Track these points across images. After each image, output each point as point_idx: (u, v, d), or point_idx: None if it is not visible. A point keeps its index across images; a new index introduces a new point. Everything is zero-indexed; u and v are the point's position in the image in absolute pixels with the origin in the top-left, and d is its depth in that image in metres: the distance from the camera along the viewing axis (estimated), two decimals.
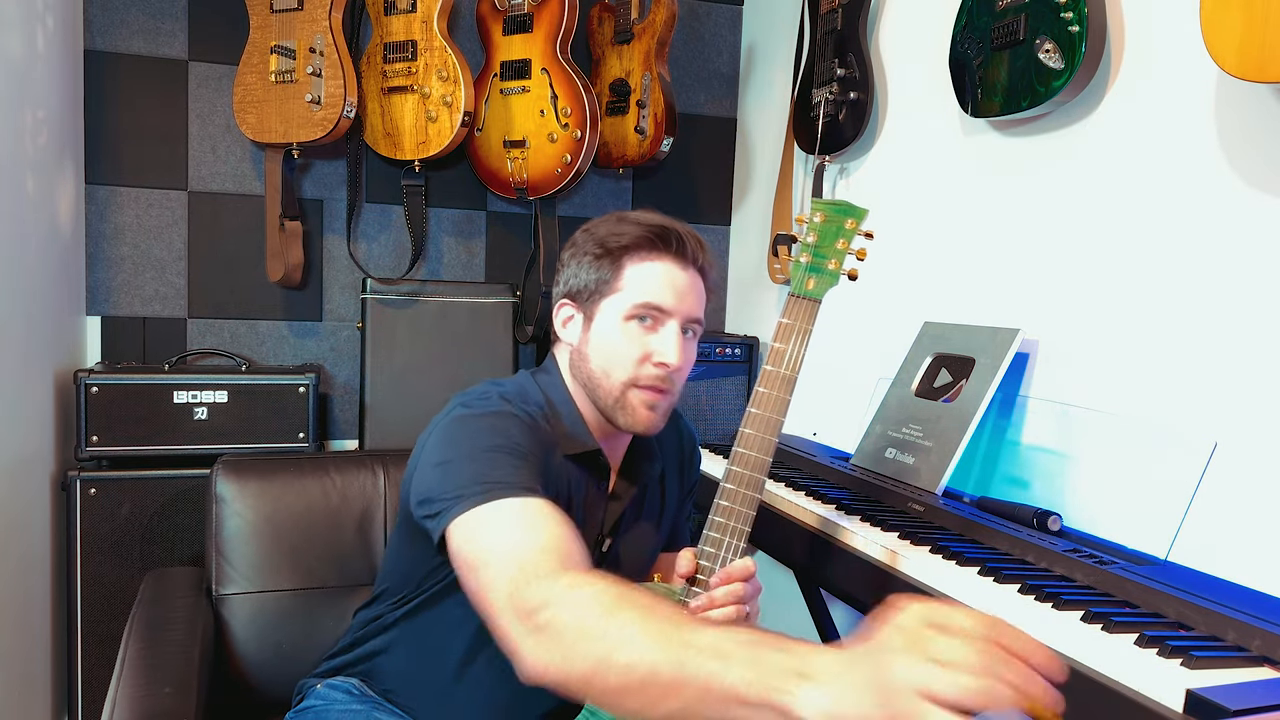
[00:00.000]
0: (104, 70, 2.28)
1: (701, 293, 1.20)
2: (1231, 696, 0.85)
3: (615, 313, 1.15)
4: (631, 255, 1.16)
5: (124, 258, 2.34)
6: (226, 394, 2.15)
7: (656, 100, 2.40)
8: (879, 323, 2.12)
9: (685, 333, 1.18)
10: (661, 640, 0.76)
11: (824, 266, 1.14)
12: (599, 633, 0.79)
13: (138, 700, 1.20)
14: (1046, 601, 1.09)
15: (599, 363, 1.17)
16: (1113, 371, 1.51)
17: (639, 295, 1.15)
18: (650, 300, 1.14)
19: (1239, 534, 1.29)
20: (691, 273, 1.18)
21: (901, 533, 1.36)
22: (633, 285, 1.15)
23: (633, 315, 1.15)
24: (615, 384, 1.15)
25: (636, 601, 0.81)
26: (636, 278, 1.15)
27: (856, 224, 1.15)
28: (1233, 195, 1.33)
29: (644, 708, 0.77)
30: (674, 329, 1.16)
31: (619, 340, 1.15)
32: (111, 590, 2.04)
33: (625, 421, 1.17)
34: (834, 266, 1.14)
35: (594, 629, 0.79)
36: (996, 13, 1.63)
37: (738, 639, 0.74)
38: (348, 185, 2.47)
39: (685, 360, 1.17)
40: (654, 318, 1.15)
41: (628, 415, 1.16)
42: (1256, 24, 1.13)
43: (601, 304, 1.17)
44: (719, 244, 2.85)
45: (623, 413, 1.16)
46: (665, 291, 1.15)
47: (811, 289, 1.14)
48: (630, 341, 1.15)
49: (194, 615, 1.46)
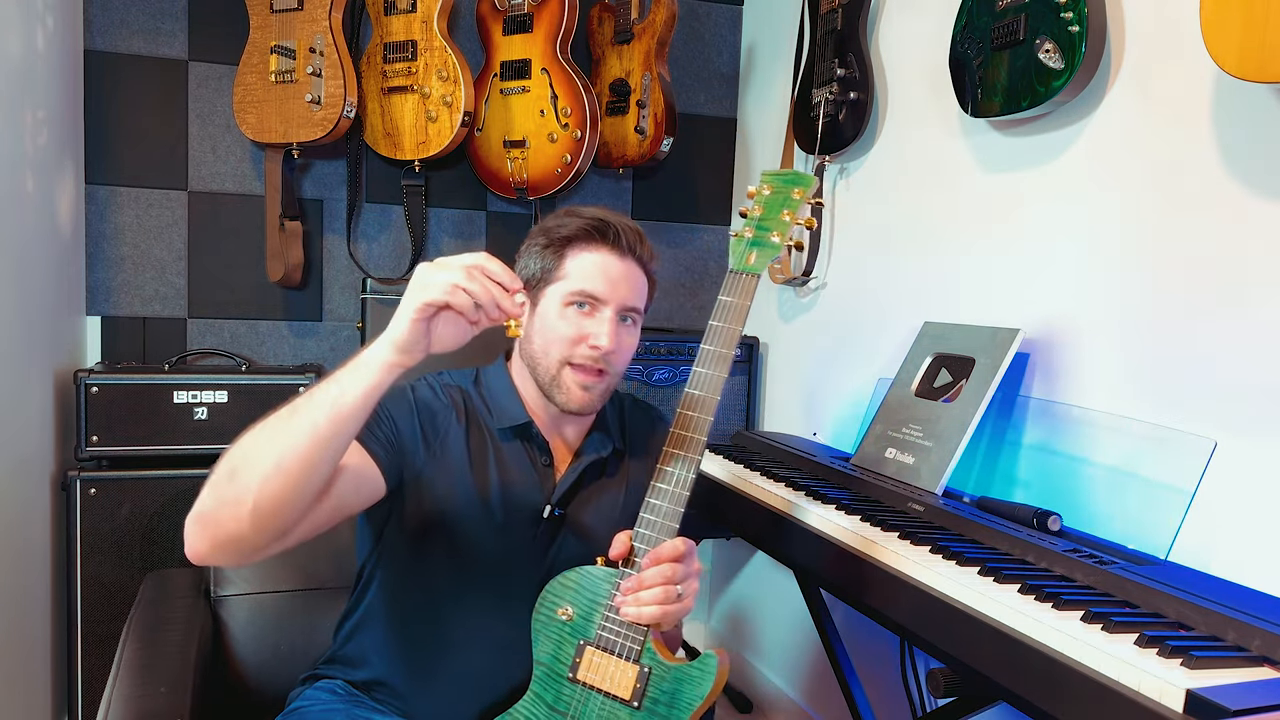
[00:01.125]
0: (104, 70, 2.28)
1: (640, 283, 1.27)
2: (1231, 696, 0.85)
3: (556, 298, 1.24)
4: (573, 246, 1.24)
5: (124, 258, 2.34)
6: (226, 394, 2.15)
7: (656, 100, 2.40)
8: (879, 323, 2.12)
9: (624, 320, 1.25)
10: (284, 423, 1.01)
11: (767, 239, 1.14)
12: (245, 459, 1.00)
13: (132, 700, 1.20)
14: (1046, 601, 1.09)
15: (539, 343, 1.25)
16: (1113, 371, 1.51)
17: (577, 283, 1.23)
18: (586, 288, 1.22)
19: (1239, 534, 1.29)
20: (629, 263, 1.25)
21: (901, 533, 1.36)
22: (573, 273, 1.23)
23: (571, 301, 1.23)
24: (552, 362, 1.23)
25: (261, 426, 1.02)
26: (577, 267, 1.23)
27: (804, 192, 1.15)
28: (1232, 195, 1.33)
29: (302, 469, 0.98)
30: (608, 315, 1.23)
31: (557, 323, 1.23)
32: (111, 590, 2.04)
33: (561, 399, 1.24)
34: (777, 238, 1.14)
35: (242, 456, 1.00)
36: (996, 13, 1.63)
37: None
38: (348, 185, 2.47)
39: (620, 345, 1.24)
40: (591, 304, 1.23)
41: (563, 393, 1.24)
42: (1256, 24, 1.13)
43: (546, 290, 1.25)
44: (719, 244, 2.85)
45: (559, 391, 1.24)
46: (601, 280, 1.23)
47: (752, 264, 1.15)
48: (568, 324, 1.23)
49: (192, 616, 1.46)
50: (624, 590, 1.12)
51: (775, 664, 2.54)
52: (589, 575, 1.16)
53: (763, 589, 2.63)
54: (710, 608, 2.97)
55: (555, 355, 1.23)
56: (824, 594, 1.82)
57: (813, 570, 1.51)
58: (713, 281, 2.85)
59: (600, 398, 1.25)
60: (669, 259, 2.80)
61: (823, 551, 1.43)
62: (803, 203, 1.15)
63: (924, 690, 1.89)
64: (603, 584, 1.15)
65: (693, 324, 2.84)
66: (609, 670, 1.12)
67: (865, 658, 2.11)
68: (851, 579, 1.36)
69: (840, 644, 1.80)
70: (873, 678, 2.09)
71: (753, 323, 2.69)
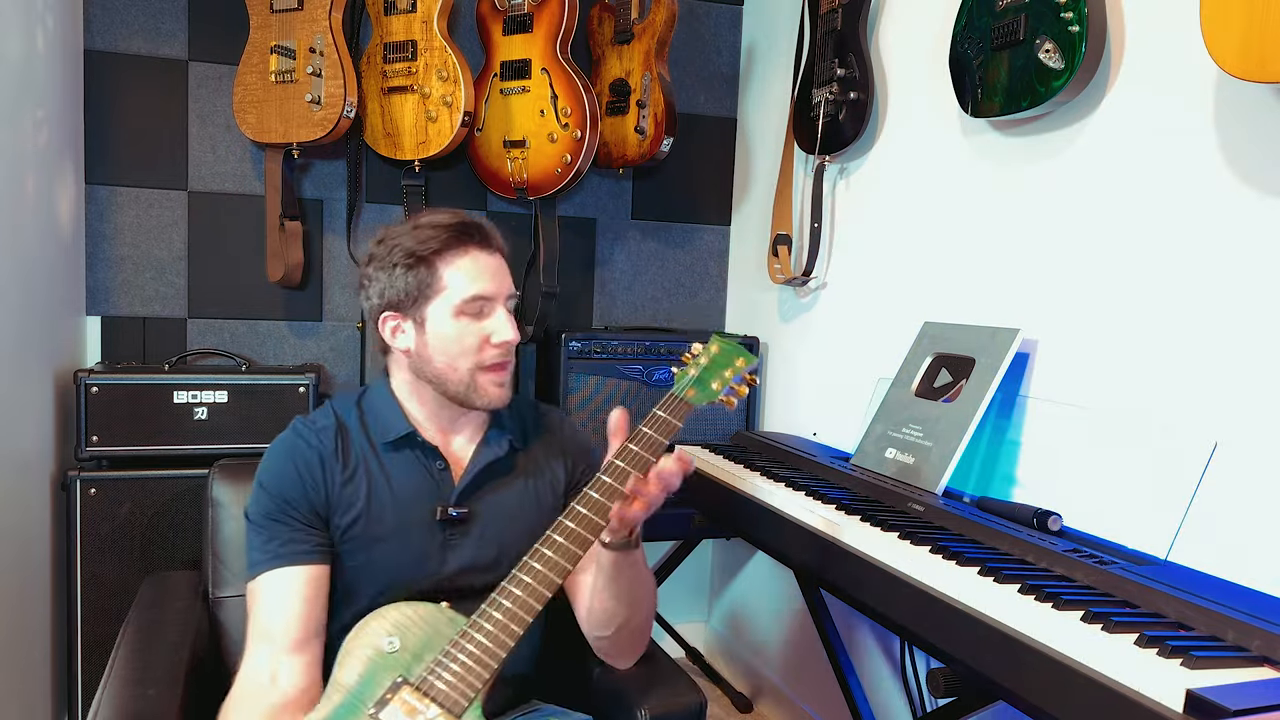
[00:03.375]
0: (104, 70, 2.28)
1: (506, 268, 1.31)
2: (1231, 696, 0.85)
3: (445, 311, 1.25)
4: (443, 256, 1.25)
5: (124, 258, 2.34)
6: (226, 394, 2.15)
7: (656, 100, 2.40)
8: (879, 323, 2.12)
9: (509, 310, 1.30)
10: None
11: (708, 385, 1.21)
12: None
13: (123, 701, 1.20)
14: (1046, 601, 1.09)
15: (444, 360, 1.26)
16: (1113, 371, 1.51)
17: (463, 290, 1.24)
18: (476, 292, 1.25)
19: (1239, 534, 1.29)
20: (496, 254, 1.30)
21: (901, 533, 1.36)
22: (454, 283, 1.25)
23: (463, 311, 1.25)
24: (464, 373, 1.26)
25: None
26: (455, 275, 1.25)
27: (745, 364, 1.23)
28: (1233, 195, 1.33)
29: None
30: (502, 310, 1.27)
31: (457, 336, 1.25)
32: (111, 591, 2.04)
33: (483, 401, 1.28)
34: (716, 387, 1.21)
35: None
36: (996, 13, 1.63)
37: None
38: (348, 185, 2.47)
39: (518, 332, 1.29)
40: (483, 305, 1.26)
41: (482, 396, 1.28)
42: (1256, 24, 1.13)
43: (429, 307, 1.26)
44: (719, 244, 2.85)
45: (477, 395, 1.27)
46: (485, 280, 1.26)
47: (691, 397, 1.21)
48: (467, 333, 1.25)
49: (188, 619, 1.46)
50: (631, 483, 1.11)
51: (775, 664, 2.54)
52: (435, 614, 1.15)
53: (763, 589, 2.63)
54: (710, 608, 2.97)
55: (465, 366, 1.26)
56: (824, 594, 1.82)
57: (812, 570, 1.51)
58: (712, 282, 2.85)
59: (511, 388, 1.31)
60: (669, 259, 2.80)
61: (823, 551, 1.43)
62: (741, 373, 1.22)
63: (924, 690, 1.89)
64: (445, 628, 1.12)
65: (693, 324, 2.84)
66: (422, 717, 1.03)
67: (865, 658, 2.11)
68: (851, 579, 1.36)
69: (840, 644, 1.80)
70: (873, 678, 2.09)
71: (753, 323, 2.70)
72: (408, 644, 1.10)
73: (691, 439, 2.42)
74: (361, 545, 1.26)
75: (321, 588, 1.23)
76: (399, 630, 1.12)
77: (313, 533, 1.24)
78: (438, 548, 1.28)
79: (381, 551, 1.26)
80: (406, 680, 1.07)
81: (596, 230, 2.73)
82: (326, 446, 1.28)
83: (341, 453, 1.28)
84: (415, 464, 1.30)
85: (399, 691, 1.05)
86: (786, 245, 2.41)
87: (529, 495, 1.35)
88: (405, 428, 1.30)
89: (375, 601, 1.22)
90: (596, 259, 2.74)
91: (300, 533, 1.23)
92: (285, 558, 1.22)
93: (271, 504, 1.24)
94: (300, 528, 1.24)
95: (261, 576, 1.22)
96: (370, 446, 1.30)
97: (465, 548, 1.28)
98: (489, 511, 1.31)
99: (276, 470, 1.27)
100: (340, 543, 1.26)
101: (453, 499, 1.29)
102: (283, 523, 1.23)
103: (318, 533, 1.25)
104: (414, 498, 1.28)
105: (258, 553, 1.23)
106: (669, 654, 1.43)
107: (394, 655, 1.09)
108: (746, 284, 2.77)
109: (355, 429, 1.31)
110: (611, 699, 1.33)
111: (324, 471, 1.26)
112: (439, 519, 1.27)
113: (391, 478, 1.29)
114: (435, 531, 1.28)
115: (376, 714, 1.04)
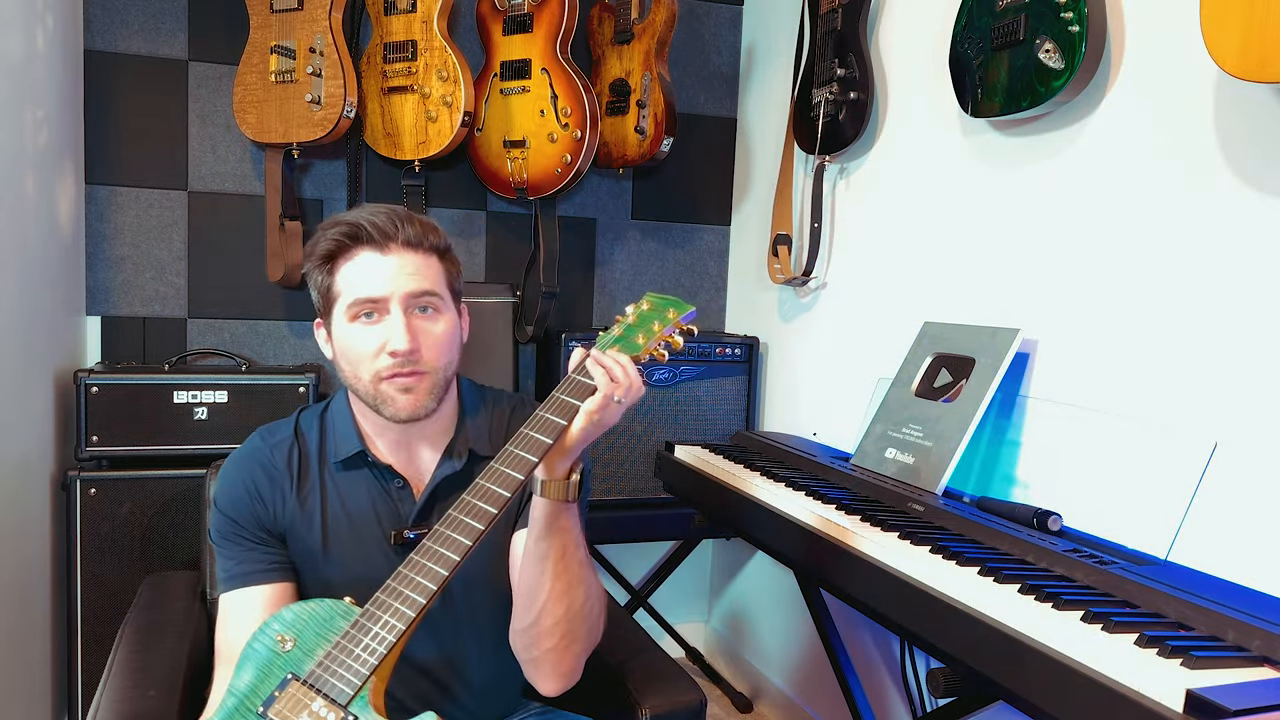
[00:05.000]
0: (104, 70, 2.28)
1: (421, 266, 1.18)
2: (1231, 696, 0.85)
3: (341, 318, 1.18)
4: (337, 260, 1.18)
5: (124, 258, 2.34)
6: (226, 394, 2.15)
7: (656, 100, 2.40)
8: (879, 323, 2.13)
9: (423, 310, 1.19)
10: None
11: (631, 340, 1.14)
12: None
13: (122, 702, 1.20)
14: (1046, 601, 1.09)
15: (349, 369, 1.20)
16: (1113, 371, 1.51)
17: (349, 295, 1.17)
18: (359, 295, 1.16)
19: (1239, 534, 1.29)
20: (399, 252, 1.17)
21: (901, 533, 1.36)
22: (344, 287, 1.17)
23: (354, 315, 1.17)
24: (366, 383, 1.18)
25: None
26: (346, 280, 1.17)
27: (678, 315, 1.16)
28: (1233, 195, 1.33)
29: None
30: (397, 314, 1.16)
31: (351, 342, 1.18)
32: (111, 591, 2.04)
33: (390, 412, 1.18)
34: (641, 340, 1.14)
35: None
36: (996, 13, 1.63)
37: None
38: (348, 185, 2.47)
39: (426, 337, 1.18)
40: (372, 308, 1.17)
41: (389, 406, 1.18)
42: (1256, 24, 1.13)
43: (332, 314, 1.20)
44: (719, 244, 2.85)
45: (384, 405, 1.18)
46: (370, 282, 1.16)
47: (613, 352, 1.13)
48: (361, 339, 1.17)
49: (187, 619, 1.46)
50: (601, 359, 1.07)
51: (775, 664, 2.54)
52: (326, 607, 1.09)
53: (763, 589, 2.63)
54: (710, 608, 2.97)
55: (365, 375, 1.17)
56: (824, 594, 1.82)
57: (812, 570, 1.51)
58: (712, 282, 2.85)
59: (429, 395, 1.18)
60: (669, 259, 2.80)
61: (823, 551, 1.43)
62: (673, 323, 1.16)
63: (924, 690, 1.89)
64: (338, 619, 1.07)
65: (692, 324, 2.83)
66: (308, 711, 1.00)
67: (865, 658, 2.11)
68: (851, 579, 1.36)
69: (840, 643, 1.80)
70: (873, 678, 2.09)
71: (753, 322, 2.70)
72: (303, 641, 1.07)
73: (691, 439, 2.42)
74: (315, 565, 1.22)
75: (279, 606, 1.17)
76: (292, 629, 1.08)
77: (268, 551, 1.21)
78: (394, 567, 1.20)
79: (335, 572, 1.22)
80: (295, 676, 1.04)
81: (596, 230, 2.73)
82: (278, 462, 1.24)
83: (294, 469, 1.24)
84: (371, 482, 1.24)
85: (286, 688, 1.03)
86: (786, 245, 2.41)
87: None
88: (355, 446, 1.24)
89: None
90: (596, 259, 2.74)
91: (254, 552, 1.20)
92: (240, 578, 1.20)
93: (224, 523, 1.22)
94: (252, 547, 1.21)
95: (223, 597, 1.20)
96: (327, 463, 1.25)
97: None
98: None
99: (226, 489, 1.23)
100: (296, 561, 1.23)
101: (410, 519, 1.23)
102: (235, 543, 1.21)
103: (273, 551, 1.21)
104: (369, 518, 1.23)
105: (221, 571, 1.22)
106: (669, 654, 1.43)
107: (287, 654, 1.06)
108: (746, 284, 2.77)
109: (314, 444, 1.26)
110: (612, 699, 1.33)
111: (273, 489, 1.22)
112: (394, 542, 1.22)
113: (346, 498, 1.23)
114: (393, 552, 1.21)
115: (264, 713, 1.02)
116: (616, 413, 1.08)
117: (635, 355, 1.12)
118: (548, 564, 1.11)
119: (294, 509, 1.22)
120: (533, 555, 1.12)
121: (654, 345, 1.14)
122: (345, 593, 1.12)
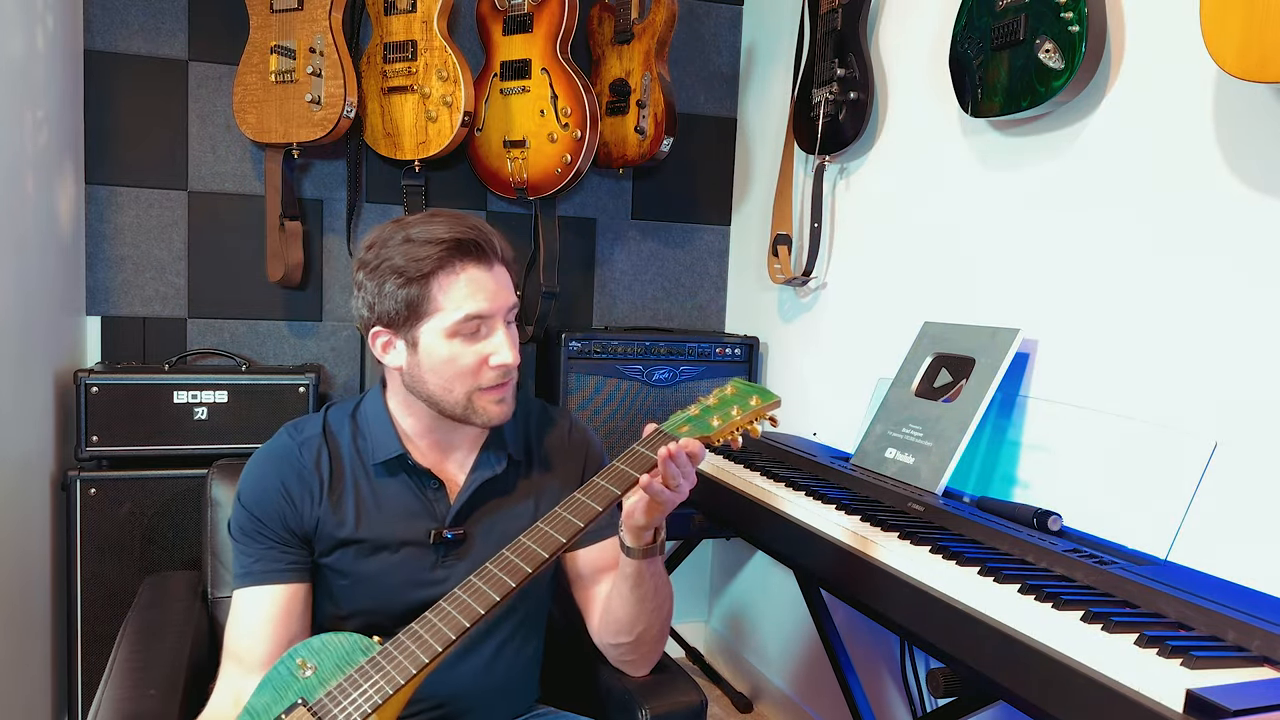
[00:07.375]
0: (104, 70, 2.28)
1: (508, 279, 1.23)
2: (1231, 696, 0.85)
3: (438, 333, 1.17)
4: (437, 275, 1.17)
5: (124, 258, 2.34)
6: (226, 394, 2.15)
7: (656, 100, 2.40)
8: (879, 323, 2.13)
9: (509, 323, 1.23)
10: None
11: (708, 422, 1.15)
12: None
13: (122, 702, 1.20)
14: (1046, 601, 1.09)
15: (438, 382, 1.20)
16: (1113, 371, 1.51)
17: (458, 311, 1.16)
18: (470, 312, 1.17)
19: (1239, 534, 1.29)
20: (496, 267, 1.20)
21: (901, 532, 1.36)
22: (448, 303, 1.17)
23: (456, 332, 1.17)
24: (460, 396, 1.20)
25: None
26: (449, 296, 1.17)
27: (761, 402, 1.17)
28: (1233, 195, 1.33)
29: None
30: (500, 329, 1.19)
31: (451, 358, 1.18)
32: (111, 590, 2.04)
33: (482, 420, 1.22)
34: (716, 423, 1.15)
35: None
36: (996, 13, 1.63)
37: None
38: (348, 185, 2.47)
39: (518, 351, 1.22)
40: (479, 326, 1.18)
41: (481, 415, 1.21)
42: (1256, 24, 1.13)
43: (422, 328, 1.18)
44: (719, 244, 2.85)
45: (476, 415, 1.21)
46: (480, 299, 1.17)
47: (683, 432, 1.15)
48: (463, 355, 1.18)
49: (187, 619, 1.46)
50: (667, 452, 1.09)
51: (775, 664, 2.54)
52: (351, 640, 1.11)
53: (763, 589, 2.63)
54: (710, 608, 2.97)
55: (461, 390, 1.19)
56: (824, 594, 1.82)
57: (813, 570, 1.51)
58: (712, 282, 2.85)
59: (513, 401, 1.24)
60: (669, 259, 2.80)
61: (823, 551, 1.43)
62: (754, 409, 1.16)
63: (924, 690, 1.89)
64: (357, 653, 1.09)
65: (693, 324, 2.84)
66: None
67: (865, 658, 2.11)
68: (851, 579, 1.36)
69: (840, 644, 1.80)
70: (873, 678, 2.09)
71: (753, 322, 2.70)
72: (321, 670, 1.09)
73: None
74: (348, 565, 1.23)
75: (293, 607, 1.20)
76: (316, 656, 1.10)
77: (288, 551, 1.21)
78: (429, 569, 1.24)
79: (369, 572, 1.22)
80: (304, 702, 1.06)
81: (596, 230, 2.73)
82: (308, 461, 1.24)
83: (326, 468, 1.24)
84: (407, 485, 1.25)
85: (293, 712, 1.05)
86: (786, 245, 2.41)
87: (529, 513, 1.28)
88: (396, 449, 1.24)
89: (365, 622, 1.20)
90: (596, 259, 2.74)
91: (273, 551, 1.21)
92: (256, 576, 1.20)
93: (247, 521, 1.22)
94: (273, 546, 1.21)
95: (236, 593, 1.21)
96: (361, 464, 1.25)
97: (459, 570, 1.22)
98: (486, 532, 1.26)
99: (252, 486, 1.23)
100: (326, 562, 1.23)
101: (448, 520, 1.25)
102: (256, 540, 1.21)
103: (293, 551, 1.22)
104: (406, 519, 1.24)
105: (237, 567, 1.22)
106: (669, 654, 1.43)
107: (305, 680, 1.08)
108: (746, 284, 2.77)
109: (347, 443, 1.26)
110: (612, 699, 1.33)
111: (303, 489, 1.22)
112: (433, 542, 1.23)
113: (382, 498, 1.24)
114: (428, 553, 1.24)
115: None
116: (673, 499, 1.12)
117: (707, 437, 1.14)
118: (645, 603, 1.22)
119: (324, 510, 1.22)
120: (628, 599, 1.21)
121: (730, 430, 1.15)
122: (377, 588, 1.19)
